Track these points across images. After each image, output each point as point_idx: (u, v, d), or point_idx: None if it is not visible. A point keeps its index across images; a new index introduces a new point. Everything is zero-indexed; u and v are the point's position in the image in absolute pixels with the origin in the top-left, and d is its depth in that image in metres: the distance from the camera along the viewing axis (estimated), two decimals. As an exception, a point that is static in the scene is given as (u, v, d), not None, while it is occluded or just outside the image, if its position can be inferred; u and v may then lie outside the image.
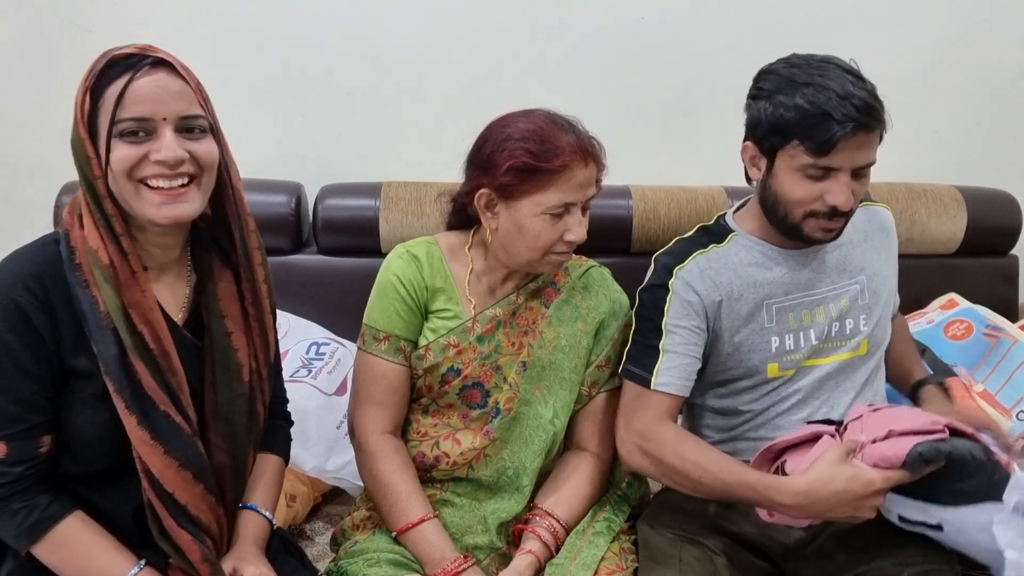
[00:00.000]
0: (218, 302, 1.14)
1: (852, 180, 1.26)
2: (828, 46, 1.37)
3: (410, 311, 1.35)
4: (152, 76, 1.02)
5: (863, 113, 1.20)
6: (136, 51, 1.03)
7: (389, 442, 1.33)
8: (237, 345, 1.15)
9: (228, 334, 1.14)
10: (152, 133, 1.02)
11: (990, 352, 1.94)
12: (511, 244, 1.29)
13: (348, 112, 2.13)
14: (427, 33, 2.09)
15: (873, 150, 1.26)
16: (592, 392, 1.41)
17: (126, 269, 1.04)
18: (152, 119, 1.02)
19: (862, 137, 1.22)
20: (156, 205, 1.03)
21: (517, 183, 1.24)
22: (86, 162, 1.02)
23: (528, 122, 1.26)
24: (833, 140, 1.21)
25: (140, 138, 1.02)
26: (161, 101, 1.02)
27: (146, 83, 1.01)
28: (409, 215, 1.94)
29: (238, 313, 1.16)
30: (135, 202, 1.03)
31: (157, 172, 1.02)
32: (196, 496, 1.08)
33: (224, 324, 1.14)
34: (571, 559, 1.25)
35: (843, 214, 1.27)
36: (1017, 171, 2.25)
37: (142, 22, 2.02)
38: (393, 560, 1.24)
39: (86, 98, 1.02)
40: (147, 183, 1.03)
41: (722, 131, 2.18)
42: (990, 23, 2.19)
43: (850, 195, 1.25)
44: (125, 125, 1.01)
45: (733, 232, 1.41)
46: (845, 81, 1.22)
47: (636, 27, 2.12)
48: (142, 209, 1.03)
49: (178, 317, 1.14)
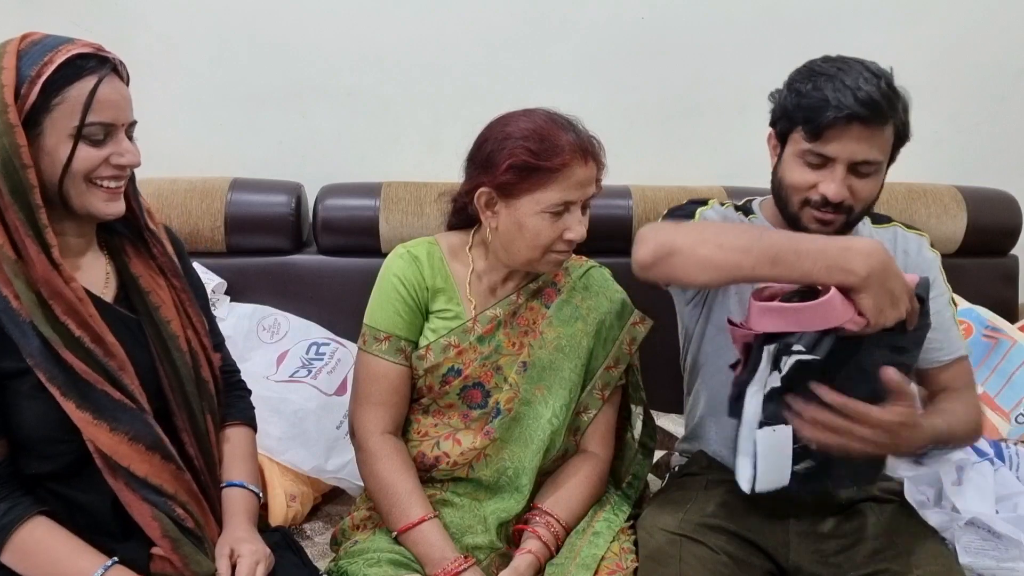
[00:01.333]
0: (138, 278, 1.17)
1: (852, 176, 1.26)
2: (828, 46, 1.37)
3: (411, 311, 1.35)
4: (113, 81, 1.06)
5: (863, 104, 1.20)
6: (92, 51, 1.05)
7: (389, 442, 1.33)
8: (168, 316, 1.17)
9: (156, 307, 1.16)
10: (109, 137, 1.06)
11: (989, 353, 1.94)
12: (511, 243, 1.29)
13: (348, 112, 2.13)
14: (427, 34, 2.09)
15: (875, 148, 1.25)
16: (605, 395, 1.41)
17: (45, 262, 1.03)
18: (114, 124, 1.06)
19: (859, 129, 1.22)
20: (104, 201, 1.09)
21: (517, 182, 1.24)
22: (13, 150, 1.01)
23: (528, 121, 1.26)
24: (823, 124, 1.22)
25: (101, 141, 1.06)
26: (121, 108, 1.08)
27: (111, 89, 1.05)
28: (409, 215, 1.94)
29: (162, 286, 1.19)
30: (82, 198, 1.07)
31: (113, 174, 1.08)
32: (155, 466, 1.08)
33: (149, 299, 1.16)
34: (571, 559, 1.25)
35: (836, 207, 1.27)
36: (1017, 171, 2.25)
37: (142, 22, 2.02)
38: (393, 560, 1.24)
39: (33, 88, 1.01)
40: (96, 182, 1.07)
41: (722, 131, 2.20)
42: (990, 22, 2.19)
43: (841, 187, 1.25)
44: (94, 129, 1.04)
45: (753, 214, 1.44)
46: (859, 76, 1.23)
47: (636, 27, 2.12)
48: (89, 204, 1.08)
49: (107, 295, 1.15)
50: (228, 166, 2.03)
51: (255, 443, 1.33)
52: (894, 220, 1.47)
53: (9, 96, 1.00)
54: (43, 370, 1.03)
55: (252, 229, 1.93)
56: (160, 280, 1.19)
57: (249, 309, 1.89)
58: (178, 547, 1.08)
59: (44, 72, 1.01)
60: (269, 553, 1.15)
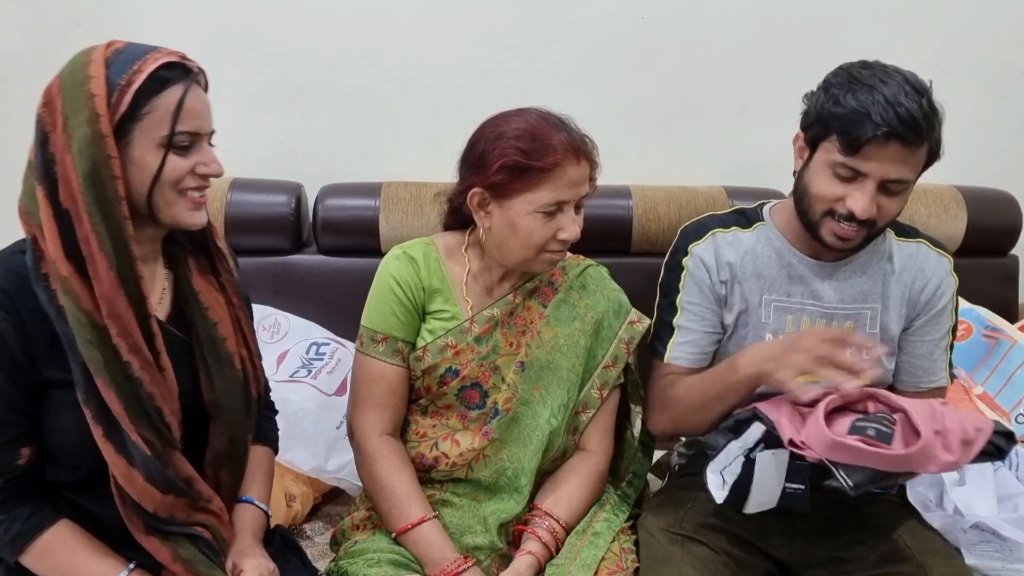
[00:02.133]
0: (198, 294, 1.15)
1: (881, 193, 1.23)
2: (828, 46, 1.37)
3: (407, 312, 1.35)
4: (197, 90, 1.06)
5: (903, 123, 1.17)
6: (179, 59, 1.04)
7: (388, 443, 1.33)
8: (224, 334, 1.16)
9: (214, 324, 1.15)
10: (194, 146, 1.06)
11: (989, 354, 1.94)
12: (505, 243, 1.29)
13: (348, 112, 2.13)
14: (427, 33, 2.09)
15: (909, 167, 1.22)
16: (603, 394, 1.41)
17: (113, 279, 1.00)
18: (199, 133, 1.06)
19: (896, 148, 1.19)
20: (190, 211, 1.08)
21: (509, 182, 1.24)
22: (103, 161, 0.98)
23: (520, 121, 1.26)
24: (862, 140, 1.19)
25: (187, 150, 1.05)
26: (206, 117, 1.07)
27: (196, 98, 1.05)
28: (409, 215, 1.94)
29: (221, 303, 1.17)
30: (170, 208, 1.06)
31: (199, 184, 1.07)
32: (166, 504, 1.07)
33: (207, 315, 1.15)
34: (571, 559, 1.25)
35: (861, 223, 1.24)
36: (1017, 171, 2.25)
37: (142, 22, 2.02)
38: (393, 560, 1.24)
39: (124, 98, 0.99)
40: (183, 192, 1.06)
41: (722, 131, 2.20)
42: (990, 22, 2.19)
43: (869, 204, 1.22)
44: (182, 138, 1.03)
45: (762, 222, 1.43)
46: (900, 90, 1.19)
47: (636, 27, 2.12)
48: (177, 215, 1.06)
49: (161, 312, 1.14)
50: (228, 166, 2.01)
51: (274, 464, 1.33)
52: (922, 236, 1.44)
53: (101, 106, 0.98)
54: (81, 389, 1.02)
55: (252, 229, 1.93)
56: (219, 297, 1.17)
57: (249, 309, 1.89)
58: (191, 567, 1.08)
59: (135, 81, 1.00)
60: (273, 568, 1.15)
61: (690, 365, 1.41)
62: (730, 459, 1.21)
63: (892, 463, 1.08)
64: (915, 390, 1.40)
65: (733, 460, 1.20)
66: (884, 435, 1.10)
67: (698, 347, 1.41)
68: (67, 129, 0.99)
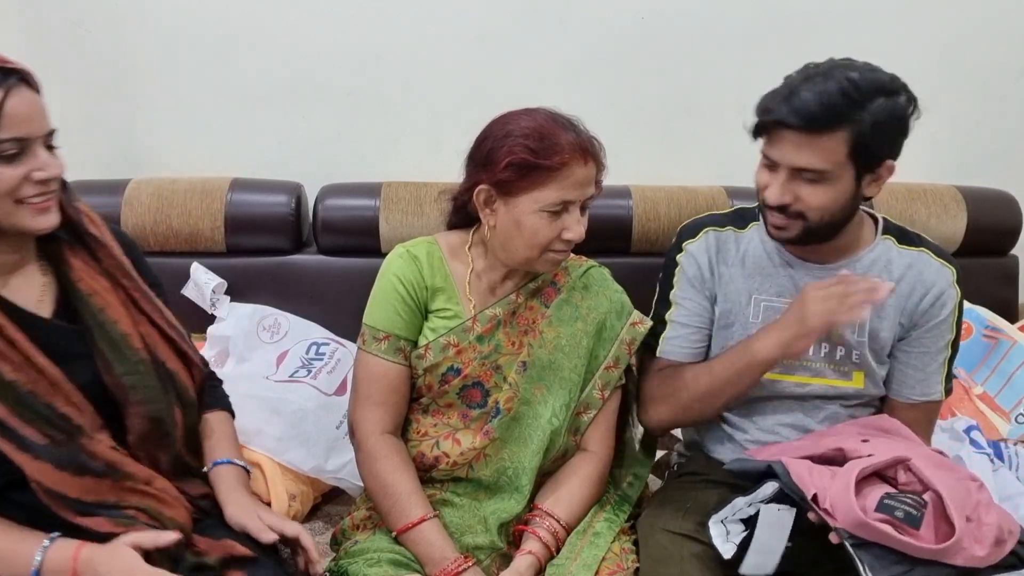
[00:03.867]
0: (78, 283, 1.14)
1: (797, 180, 1.25)
2: (828, 46, 1.37)
3: (410, 311, 1.35)
4: (22, 93, 1.02)
5: (794, 113, 1.20)
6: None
7: (389, 442, 1.33)
8: (115, 317, 1.15)
9: (100, 309, 1.14)
10: (24, 152, 1.03)
11: (989, 354, 1.94)
12: (509, 241, 1.29)
13: (348, 112, 2.13)
14: (427, 33, 2.09)
15: (816, 156, 1.22)
16: (605, 394, 1.41)
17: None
18: (28, 138, 1.02)
19: (794, 136, 1.22)
20: (34, 217, 1.06)
21: (515, 180, 1.24)
22: None
23: (529, 120, 1.26)
24: (758, 128, 1.26)
25: (16, 157, 1.02)
26: (34, 120, 1.03)
27: (20, 102, 1.01)
28: (409, 215, 1.94)
29: (108, 288, 1.16)
30: (10, 218, 1.05)
31: (37, 191, 1.05)
32: (87, 487, 1.08)
33: (92, 301, 1.14)
34: (572, 559, 1.25)
35: (783, 211, 1.28)
36: (1017, 171, 2.25)
37: (142, 22, 2.02)
38: (393, 560, 1.24)
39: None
40: (22, 200, 1.04)
41: (722, 131, 2.18)
42: (990, 23, 2.19)
43: (781, 191, 1.26)
44: (7, 146, 1.01)
45: (757, 222, 1.44)
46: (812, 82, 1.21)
47: (636, 27, 2.12)
48: (19, 222, 1.05)
49: (45, 310, 1.13)
50: (228, 166, 2.03)
51: (233, 426, 1.35)
52: (926, 245, 1.41)
53: None
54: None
55: (252, 229, 1.93)
56: (104, 282, 1.17)
57: (249, 309, 1.89)
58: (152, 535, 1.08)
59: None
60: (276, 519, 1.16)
61: (680, 360, 1.43)
62: (735, 513, 1.19)
63: (920, 553, 1.04)
64: (907, 402, 1.40)
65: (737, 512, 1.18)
66: (913, 519, 1.05)
67: (688, 342, 1.44)
68: None
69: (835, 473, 1.13)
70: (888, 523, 1.05)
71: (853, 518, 1.06)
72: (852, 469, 1.11)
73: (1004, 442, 1.72)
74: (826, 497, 1.10)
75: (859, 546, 1.07)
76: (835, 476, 1.12)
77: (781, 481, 1.15)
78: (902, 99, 1.24)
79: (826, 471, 1.14)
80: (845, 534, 1.08)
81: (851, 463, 1.14)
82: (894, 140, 1.26)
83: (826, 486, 1.11)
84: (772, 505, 1.14)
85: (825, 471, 1.14)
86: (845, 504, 1.07)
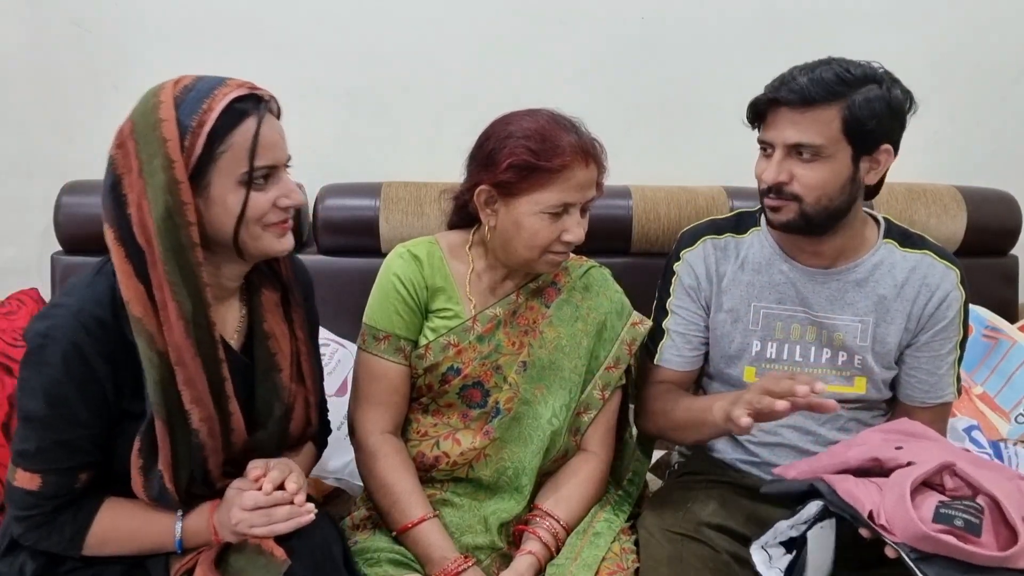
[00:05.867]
0: (264, 322, 1.14)
1: (792, 160, 1.27)
2: (828, 46, 1.37)
3: (410, 311, 1.35)
4: (271, 119, 1.03)
5: (789, 89, 1.24)
6: (248, 90, 1.01)
7: (389, 442, 1.33)
8: (281, 366, 1.15)
9: (273, 354, 1.14)
10: (272, 178, 1.04)
11: (989, 354, 1.94)
12: (509, 242, 1.29)
13: (348, 112, 2.13)
14: (427, 33, 2.09)
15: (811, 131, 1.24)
16: (605, 395, 1.41)
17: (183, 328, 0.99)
18: (276, 165, 1.03)
19: (788, 112, 1.25)
20: (277, 240, 1.07)
21: (516, 181, 1.24)
22: (177, 208, 0.96)
23: (531, 121, 1.26)
24: (756, 112, 1.30)
25: (266, 184, 1.03)
26: (281, 147, 1.05)
27: (270, 128, 1.02)
28: (409, 215, 1.94)
29: (284, 334, 1.16)
30: (257, 243, 1.05)
31: (282, 218, 1.05)
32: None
33: (268, 344, 1.14)
34: (572, 560, 1.25)
35: (779, 193, 1.29)
36: (1017, 171, 2.25)
37: (142, 23, 2.02)
38: (393, 560, 1.24)
39: (197, 140, 0.96)
40: (268, 225, 1.05)
41: (722, 131, 2.18)
42: (990, 23, 2.19)
43: (776, 170, 1.28)
44: (260, 173, 1.01)
45: (757, 227, 1.44)
46: (802, 68, 1.26)
47: (636, 27, 2.12)
48: (265, 247, 1.06)
49: (234, 340, 1.14)
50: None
51: (313, 457, 1.32)
52: (928, 247, 1.40)
53: (175, 151, 0.96)
54: (144, 421, 1.03)
55: (252, 229, 1.93)
56: (284, 327, 1.17)
57: (249, 309, 1.89)
58: None
59: (206, 121, 0.97)
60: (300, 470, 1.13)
61: (677, 368, 1.46)
62: (776, 537, 1.15)
63: (986, 561, 1.00)
64: (920, 406, 1.40)
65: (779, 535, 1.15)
66: (973, 527, 1.01)
67: (684, 352, 1.46)
68: (143, 174, 0.97)
69: (881, 486, 1.09)
70: (949, 533, 1.01)
71: (914, 531, 1.01)
72: (903, 480, 1.06)
73: (1004, 442, 1.72)
74: (881, 512, 1.05)
75: (921, 559, 1.02)
76: (883, 489, 1.08)
77: (828, 500, 1.11)
78: (896, 90, 1.26)
79: (871, 484, 1.10)
80: (906, 548, 1.03)
81: (898, 473, 1.09)
82: (889, 125, 1.27)
83: (877, 500, 1.07)
84: (820, 524, 1.11)
85: (871, 484, 1.10)
86: (904, 518, 1.02)
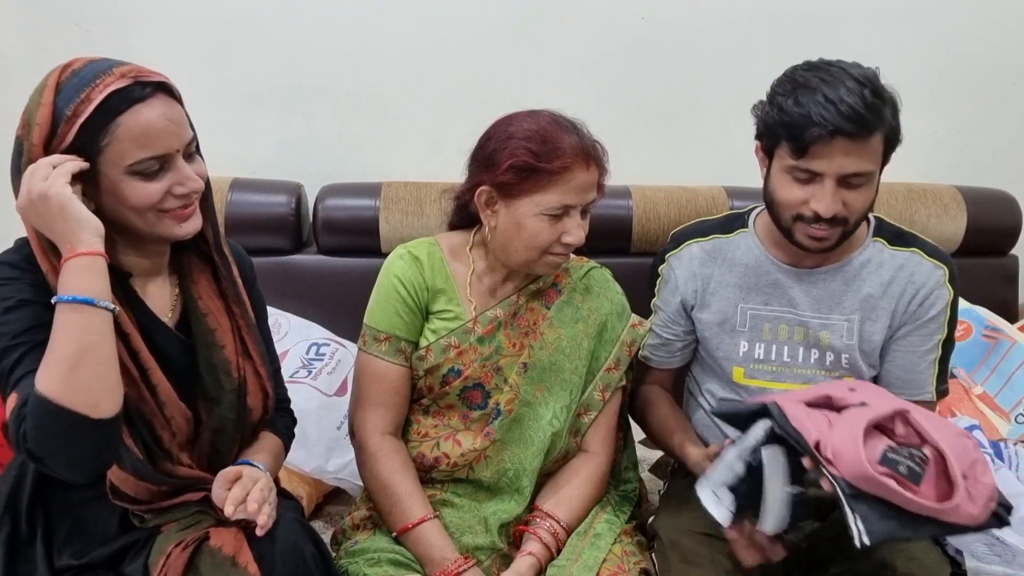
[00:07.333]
0: (198, 300, 1.14)
1: (842, 188, 1.23)
2: (828, 46, 1.37)
3: (411, 312, 1.35)
4: (159, 107, 1.00)
5: (846, 119, 1.17)
6: (133, 81, 0.99)
7: (389, 443, 1.33)
8: (223, 342, 1.15)
9: (212, 331, 1.14)
10: (166, 166, 1.02)
11: (989, 354, 1.94)
12: (509, 243, 1.29)
13: (348, 112, 2.13)
14: (427, 33, 2.09)
15: (864, 159, 1.21)
16: (605, 396, 1.41)
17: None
18: (168, 153, 1.01)
19: (844, 143, 1.19)
20: (177, 225, 1.06)
21: (517, 182, 1.24)
22: None
23: (532, 122, 1.26)
24: (806, 142, 1.19)
25: (158, 173, 1.01)
26: (173, 133, 1.02)
27: (158, 116, 1.00)
28: (409, 215, 1.94)
29: (221, 309, 1.16)
30: (153, 228, 1.05)
31: (180, 204, 1.04)
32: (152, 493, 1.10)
33: (206, 321, 1.14)
34: (572, 561, 1.25)
35: (830, 222, 1.24)
36: (1017, 171, 2.25)
37: (142, 23, 2.02)
38: (393, 560, 1.24)
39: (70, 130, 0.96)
40: (164, 211, 1.04)
41: (722, 131, 2.20)
42: (990, 23, 2.19)
43: (832, 202, 1.22)
44: (149, 164, 1.00)
45: (745, 228, 1.44)
46: (841, 85, 1.19)
47: (636, 27, 2.12)
48: (161, 231, 1.06)
49: (168, 318, 1.14)
50: (228, 166, 2.03)
51: (281, 450, 1.30)
52: (918, 245, 1.38)
53: (39, 137, 0.96)
54: None
55: (252, 229, 1.93)
56: (219, 303, 1.16)
57: (249, 309, 1.89)
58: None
59: (82, 112, 0.96)
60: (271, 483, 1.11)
61: (658, 366, 1.51)
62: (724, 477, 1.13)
63: (919, 509, 1.01)
64: None
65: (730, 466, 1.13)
66: (915, 475, 1.02)
67: (664, 351, 1.50)
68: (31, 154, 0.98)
69: (832, 421, 1.09)
70: (891, 477, 1.02)
71: (859, 470, 1.02)
72: (859, 418, 1.06)
73: (1004, 442, 1.72)
74: (828, 445, 1.06)
75: (853, 496, 1.03)
76: (833, 424, 1.08)
77: (776, 423, 1.10)
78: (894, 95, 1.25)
79: (822, 417, 1.10)
80: (843, 483, 1.04)
81: (853, 411, 1.09)
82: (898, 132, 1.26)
83: (826, 432, 1.07)
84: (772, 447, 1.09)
85: (821, 416, 1.10)
86: (851, 455, 1.03)
